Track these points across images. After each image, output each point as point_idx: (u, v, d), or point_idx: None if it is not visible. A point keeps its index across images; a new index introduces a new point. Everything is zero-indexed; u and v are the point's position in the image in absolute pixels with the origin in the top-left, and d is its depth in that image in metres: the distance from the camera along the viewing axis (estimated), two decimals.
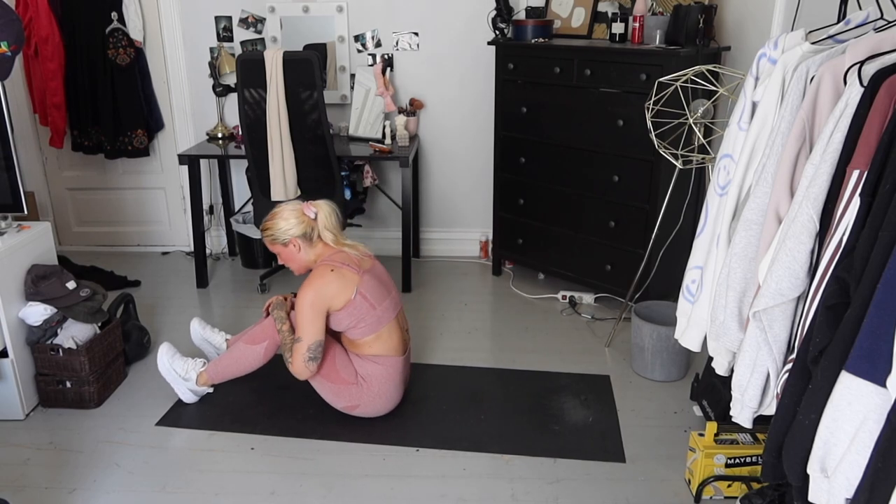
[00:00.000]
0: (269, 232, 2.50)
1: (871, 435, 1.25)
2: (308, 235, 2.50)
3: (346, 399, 2.49)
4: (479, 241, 4.20)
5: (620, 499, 2.18)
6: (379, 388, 2.49)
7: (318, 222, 2.51)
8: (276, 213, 2.52)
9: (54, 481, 2.27)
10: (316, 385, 2.52)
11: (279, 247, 2.52)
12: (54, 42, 3.76)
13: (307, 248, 2.51)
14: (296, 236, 2.48)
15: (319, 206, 2.53)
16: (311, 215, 2.50)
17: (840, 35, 1.71)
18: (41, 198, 4.21)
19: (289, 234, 2.48)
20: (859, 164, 1.37)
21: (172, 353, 2.67)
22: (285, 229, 2.48)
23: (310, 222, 2.50)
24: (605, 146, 3.19)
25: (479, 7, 3.76)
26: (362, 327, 2.46)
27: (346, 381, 2.48)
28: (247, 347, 2.59)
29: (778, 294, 1.56)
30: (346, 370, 2.48)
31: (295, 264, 2.56)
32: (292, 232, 2.47)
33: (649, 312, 2.92)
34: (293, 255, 2.52)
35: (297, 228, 2.48)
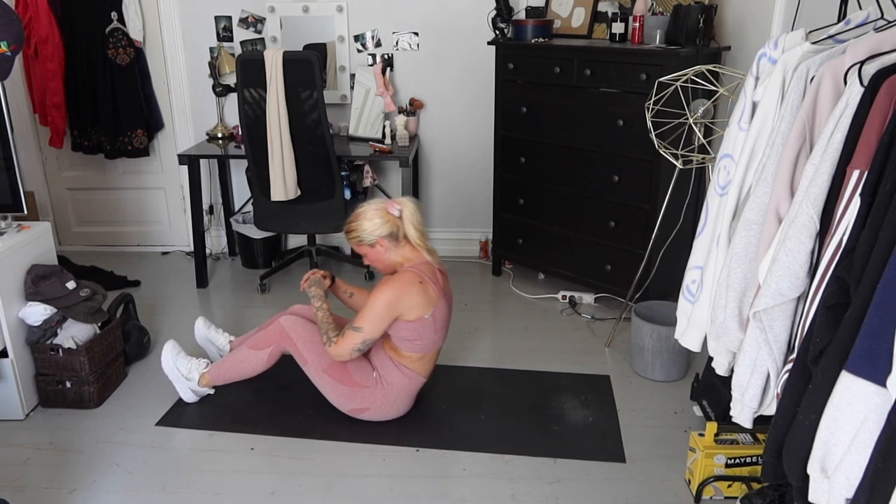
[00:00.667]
0: (355, 234, 2.43)
1: (871, 435, 1.25)
2: (394, 234, 2.43)
3: (356, 402, 2.48)
4: (478, 241, 4.20)
5: (620, 499, 2.18)
6: (395, 398, 2.49)
7: (403, 220, 2.44)
8: (360, 213, 2.44)
9: (54, 481, 2.27)
10: (324, 385, 2.51)
11: (365, 248, 2.45)
12: (54, 42, 3.76)
13: (394, 247, 2.44)
14: (382, 236, 2.41)
15: (403, 203, 2.46)
16: (395, 213, 2.43)
17: (840, 35, 1.71)
18: (41, 198, 4.20)
19: (375, 235, 2.41)
20: (859, 164, 1.37)
21: (177, 351, 2.67)
22: (371, 230, 2.41)
23: (395, 221, 2.43)
24: (605, 146, 3.19)
25: (479, 7, 3.76)
26: (417, 344, 2.45)
27: (360, 384, 2.47)
28: (250, 352, 2.58)
29: (778, 294, 1.56)
30: (359, 373, 2.48)
31: (381, 265, 2.49)
32: (378, 232, 2.41)
33: (649, 312, 2.92)
34: (380, 255, 2.45)
35: (382, 228, 2.41)
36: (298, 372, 2.57)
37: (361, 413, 2.50)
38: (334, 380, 2.47)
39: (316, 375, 2.50)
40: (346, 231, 2.47)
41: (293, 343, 2.51)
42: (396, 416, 2.54)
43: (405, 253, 2.47)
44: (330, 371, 2.47)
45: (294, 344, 2.51)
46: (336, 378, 2.47)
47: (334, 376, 2.47)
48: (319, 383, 2.51)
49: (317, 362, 2.49)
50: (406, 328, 2.41)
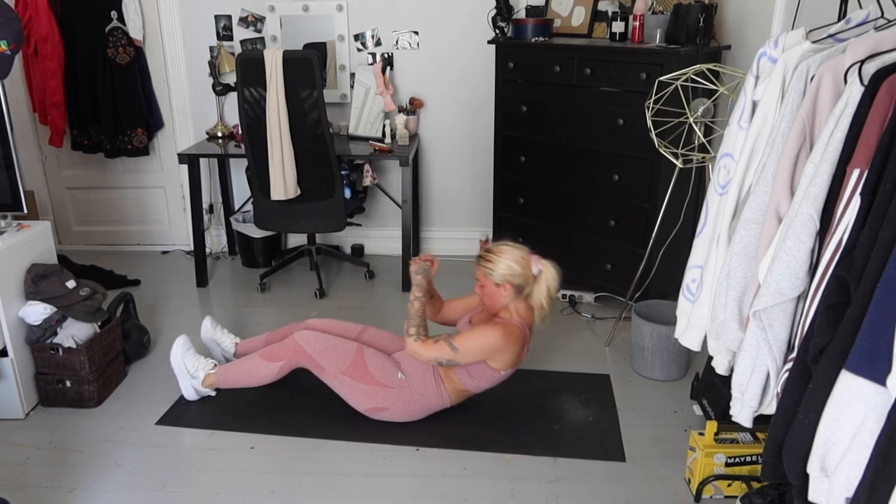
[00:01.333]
0: (490, 266, 2.40)
1: (871, 434, 1.25)
2: (521, 288, 2.41)
3: (376, 401, 2.47)
4: (479, 240, 4.19)
5: (620, 498, 2.18)
6: (419, 407, 2.49)
7: (538, 281, 2.41)
8: (506, 251, 2.41)
9: (54, 480, 2.27)
10: (343, 387, 2.49)
11: (490, 282, 2.41)
12: (54, 41, 3.76)
13: (513, 297, 2.42)
14: (512, 284, 2.39)
15: (547, 267, 2.42)
16: (534, 272, 2.41)
17: (840, 34, 1.71)
18: (41, 197, 4.20)
19: (507, 279, 2.38)
20: (860, 164, 1.37)
21: (187, 347, 2.67)
22: (507, 273, 2.37)
23: (530, 277, 2.41)
24: (605, 145, 3.19)
25: (479, 6, 3.75)
26: (475, 383, 2.47)
27: (382, 384, 2.46)
28: (262, 362, 2.56)
29: (778, 293, 1.56)
30: (382, 372, 2.47)
31: (490, 301, 2.46)
32: (512, 280, 2.38)
33: (649, 312, 2.92)
34: (497, 296, 2.42)
35: (518, 278, 2.38)
36: (298, 371, 2.57)
37: (379, 413, 2.49)
38: (354, 380, 2.46)
39: (334, 379, 2.49)
40: (482, 257, 2.44)
41: (308, 356, 2.50)
42: (413, 419, 2.53)
43: (519, 307, 2.45)
44: (349, 372, 2.46)
45: (309, 357, 2.50)
46: (356, 378, 2.46)
47: (354, 376, 2.46)
48: (337, 385, 2.50)
49: (334, 367, 2.48)
50: (481, 369, 2.42)
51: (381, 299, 3.66)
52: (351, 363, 2.46)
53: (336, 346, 2.50)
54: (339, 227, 3.55)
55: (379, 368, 2.47)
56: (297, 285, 3.81)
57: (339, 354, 2.48)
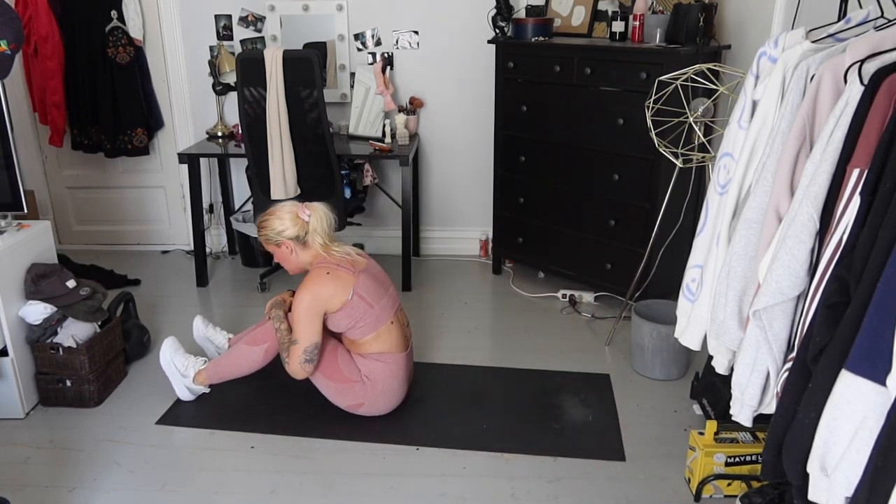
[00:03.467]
0: (264, 232, 2.50)
1: (870, 433, 1.25)
2: (301, 238, 2.48)
3: (350, 398, 2.49)
4: (479, 239, 4.20)
5: (620, 497, 2.18)
6: (383, 385, 2.49)
7: (309, 225, 2.49)
8: (273, 211, 2.51)
9: (54, 480, 2.27)
10: (319, 385, 2.52)
11: (272, 247, 2.52)
12: (54, 40, 3.76)
13: (300, 250, 2.50)
14: (289, 238, 2.47)
15: (314, 208, 2.51)
16: (304, 218, 2.49)
17: (840, 33, 1.71)
18: (41, 196, 4.20)
19: (282, 236, 2.47)
20: (860, 163, 1.37)
21: (176, 347, 2.67)
22: (279, 230, 2.47)
23: (304, 225, 2.48)
24: (605, 145, 3.19)
25: (479, 5, 3.75)
26: (361, 327, 2.45)
27: (350, 380, 2.48)
28: (247, 348, 2.58)
29: (778, 293, 1.56)
30: (348, 368, 2.48)
31: (289, 265, 2.56)
32: (286, 234, 2.47)
33: (649, 311, 2.92)
34: (286, 256, 2.52)
35: (290, 230, 2.46)
36: None
37: (358, 408, 2.51)
38: (326, 378, 2.48)
39: (313, 376, 2.51)
40: (257, 227, 2.54)
41: None
42: (394, 404, 2.55)
43: (313, 255, 2.51)
44: (322, 369, 2.47)
45: None
46: (328, 376, 2.48)
47: (326, 374, 2.48)
48: (317, 382, 2.52)
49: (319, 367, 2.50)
50: (340, 318, 2.43)
51: None
52: (324, 360, 2.47)
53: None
54: (339, 226, 3.55)
55: (345, 363, 2.49)
56: (297, 285, 3.80)
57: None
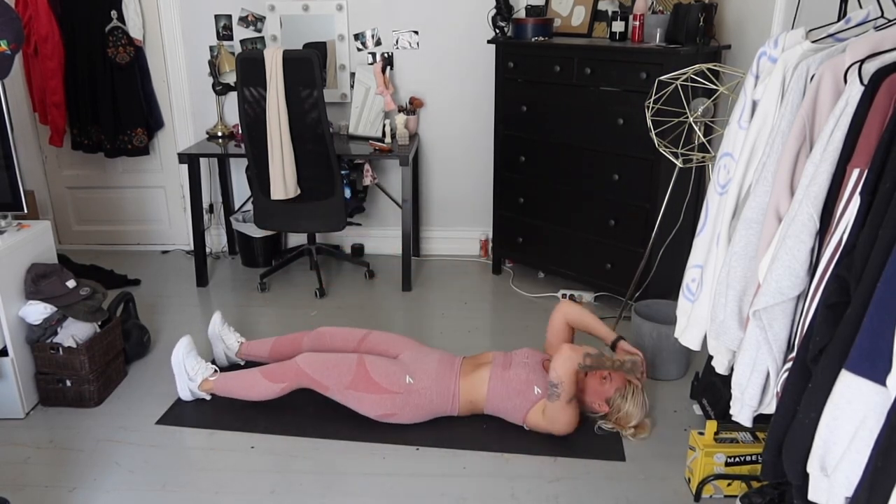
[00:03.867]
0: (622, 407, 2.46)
1: (870, 433, 1.25)
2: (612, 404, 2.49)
3: (384, 408, 2.46)
4: (479, 239, 4.20)
5: (620, 497, 2.18)
6: (427, 410, 2.48)
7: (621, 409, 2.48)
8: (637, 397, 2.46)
9: (54, 480, 2.27)
10: (351, 401, 2.48)
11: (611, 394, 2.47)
12: (54, 40, 3.76)
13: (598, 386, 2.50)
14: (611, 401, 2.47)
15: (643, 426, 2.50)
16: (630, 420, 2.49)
17: (840, 33, 1.71)
18: (41, 196, 4.20)
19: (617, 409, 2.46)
20: (860, 163, 1.37)
21: (190, 349, 2.67)
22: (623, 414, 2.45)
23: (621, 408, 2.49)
24: (605, 145, 3.19)
25: (479, 5, 3.75)
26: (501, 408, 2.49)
27: (388, 391, 2.45)
28: (263, 381, 2.55)
29: (778, 293, 1.56)
30: (388, 379, 2.46)
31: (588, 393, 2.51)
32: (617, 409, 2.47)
33: (649, 311, 2.92)
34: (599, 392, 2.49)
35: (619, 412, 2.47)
36: None
37: (388, 418, 2.48)
38: (360, 391, 2.45)
39: (340, 395, 2.49)
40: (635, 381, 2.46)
41: (311, 378, 2.50)
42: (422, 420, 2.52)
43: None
44: (354, 385, 2.45)
45: (311, 379, 2.50)
46: (362, 389, 2.45)
47: (359, 388, 2.45)
48: (345, 400, 2.49)
49: (338, 384, 2.47)
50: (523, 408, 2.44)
51: (380, 299, 3.66)
52: (354, 377, 2.46)
53: (337, 363, 2.50)
54: (339, 226, 3.55)
55: (384, 375, 2.46)
56: (297, 285, 3.81)
57: (341, 371, 2.48)
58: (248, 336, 3.06)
